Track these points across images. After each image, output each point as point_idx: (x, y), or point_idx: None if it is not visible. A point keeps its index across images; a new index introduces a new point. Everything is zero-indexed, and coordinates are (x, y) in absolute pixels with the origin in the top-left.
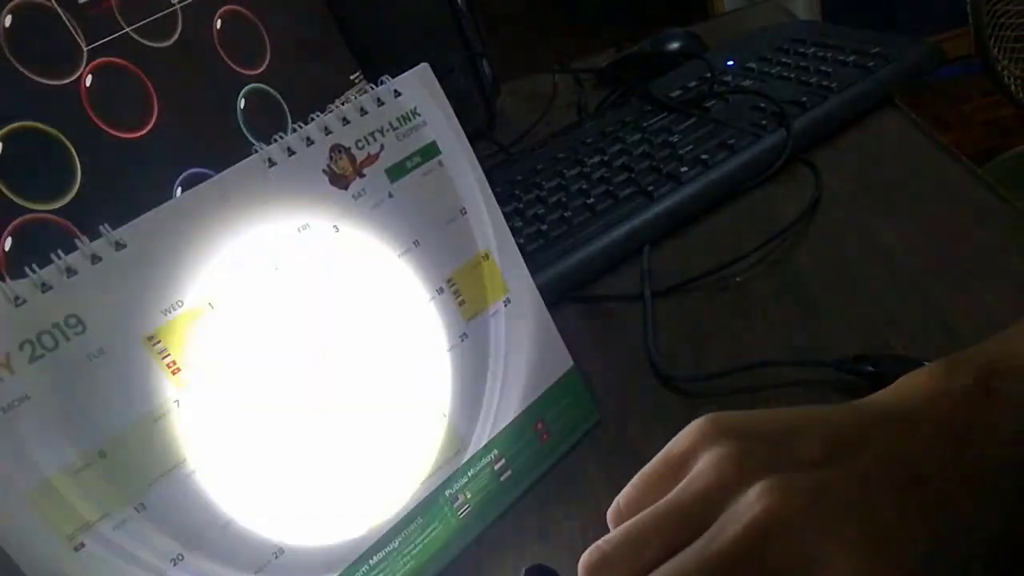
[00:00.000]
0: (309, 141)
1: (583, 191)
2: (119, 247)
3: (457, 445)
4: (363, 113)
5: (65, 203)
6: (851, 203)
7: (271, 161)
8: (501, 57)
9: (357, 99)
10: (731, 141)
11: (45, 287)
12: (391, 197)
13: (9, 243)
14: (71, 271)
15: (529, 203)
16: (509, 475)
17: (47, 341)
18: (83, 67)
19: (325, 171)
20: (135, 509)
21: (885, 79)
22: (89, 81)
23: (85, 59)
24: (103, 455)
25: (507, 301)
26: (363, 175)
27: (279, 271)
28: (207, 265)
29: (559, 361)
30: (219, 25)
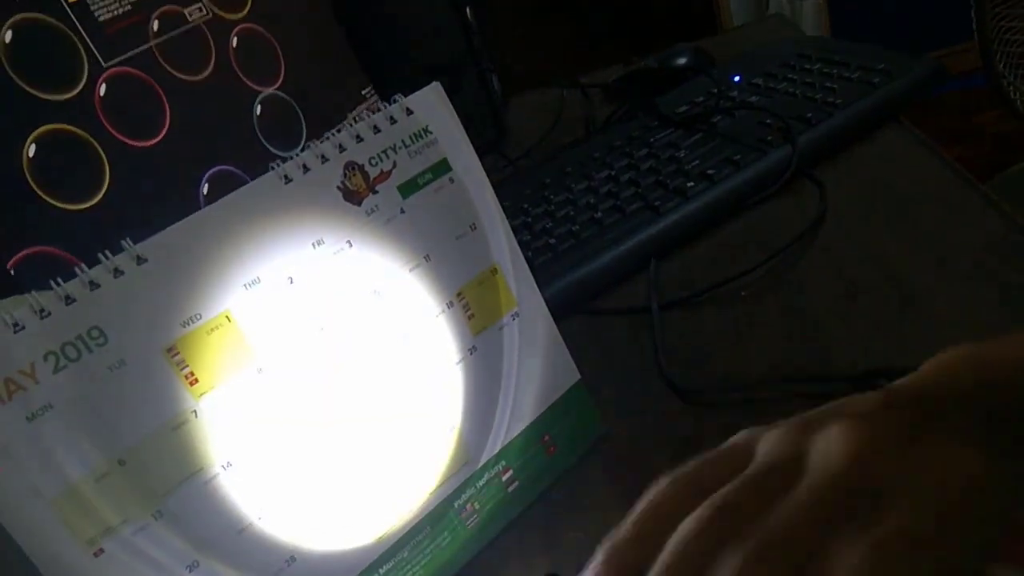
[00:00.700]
0: (324, 159)
1: (591, 205)
2: (140, 261)
3: (466, 456)
4: (376, 131)
5: (96, 202)
6: (856, 218)
7: (287, 178)
8: (510, 72)
9: (371, 117)
10: (737, 156)
11: (69, 300)
12: (403, 213)
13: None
14: (94, 284)
15: (537, 217)
16: (517, 486)
17: (70, 352)
18: (97, 80)
19: (339, 188)
20: (153, 516)
21: (890, 95)
22: (103, 90)
23: (99, 72)
24: (123, 463)
25: (515, 315)
26: (376, 191)
27: (294, 285)
28: (225, 279)
29: (566, 374)
30: (235, 43)
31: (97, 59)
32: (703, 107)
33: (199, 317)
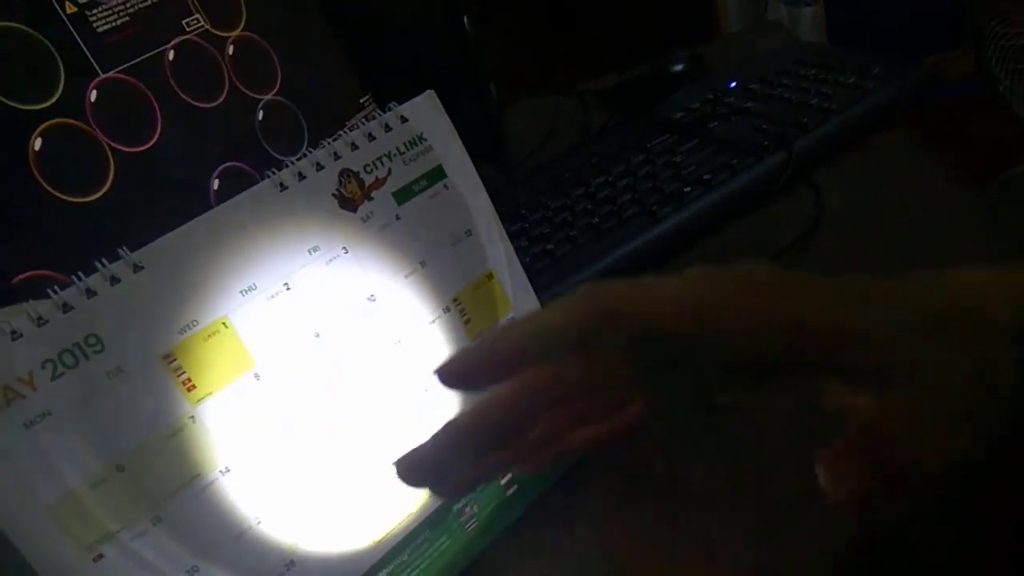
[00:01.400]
0: (319, 166)
1: (588, 211)
2: (137, 269)
3: None
4: (371, 139)
5: (99, 196)
6: (851, 223)
7: (283, 186)
8: (506, 79)
9: (365, 125)
10: (733, 162)
11: (66, 307)
12: (398, 219)
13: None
14: (91, 292)
15: (534, 223)
16: (515, 489)
17: (68, 359)
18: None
19: (335, 195)
20: (152, 522)
21: (885, 100)
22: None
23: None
24: (121, 469)
25: (512, 320)
26: (371, 198)
27: (291, 291)
28: (221, 285)
29: None
30: (231, 51)
31: (94, 68)
32: (699, 113)
33: (196, 324)
